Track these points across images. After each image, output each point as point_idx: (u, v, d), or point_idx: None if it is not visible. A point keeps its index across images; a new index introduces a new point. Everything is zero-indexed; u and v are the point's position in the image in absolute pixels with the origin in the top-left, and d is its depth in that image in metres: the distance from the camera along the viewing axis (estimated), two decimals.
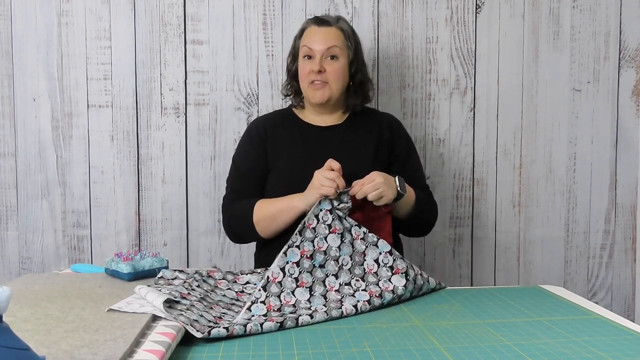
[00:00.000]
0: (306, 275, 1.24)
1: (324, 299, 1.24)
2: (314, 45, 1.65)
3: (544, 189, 2.16)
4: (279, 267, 1.23)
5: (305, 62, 1.66)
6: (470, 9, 2.10)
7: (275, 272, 1.22)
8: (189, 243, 2.08)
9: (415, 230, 1.73)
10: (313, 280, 1.25)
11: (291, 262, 1.24)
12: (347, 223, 1.36)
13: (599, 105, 2.15)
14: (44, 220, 2.06)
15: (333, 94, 1.66)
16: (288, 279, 1.22)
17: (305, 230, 1.29)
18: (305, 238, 1.28)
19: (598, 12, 2.13)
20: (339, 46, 1.66)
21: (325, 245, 1.29)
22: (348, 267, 1.31)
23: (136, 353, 0.89)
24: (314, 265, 1.27)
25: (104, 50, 2.04)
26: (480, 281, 2.16)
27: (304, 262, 1.26)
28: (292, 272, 1.23)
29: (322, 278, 1.27)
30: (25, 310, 1.09)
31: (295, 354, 0.98)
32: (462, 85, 2.11)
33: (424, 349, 1.00)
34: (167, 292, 1.17)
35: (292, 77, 1.75)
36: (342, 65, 1.66)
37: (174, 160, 2.07)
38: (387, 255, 1.33)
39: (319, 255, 1.28)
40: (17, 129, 2.04)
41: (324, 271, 1.28)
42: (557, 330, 1.10)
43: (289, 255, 1.25)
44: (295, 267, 1.24)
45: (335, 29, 1.67)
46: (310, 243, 1.28)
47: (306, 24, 1.72)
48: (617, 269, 2.20)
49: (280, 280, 1.21)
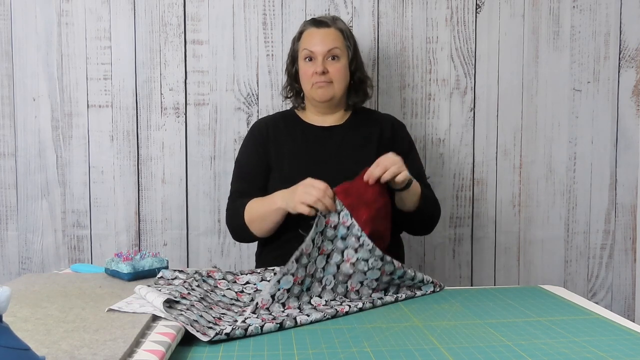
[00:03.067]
0: (292, 300, 1.24)
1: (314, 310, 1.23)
2: (315, 47, 1.66)
3: (544, 189, 2.16)
4: (269, 294, 1.22)
5: (307, 64, 1.67)
6: (470, 9, 2.10)
7: (266, 299, 1.21)
8: (189, 243, 2.08)
9: (421, 225, 1.71)
10: (299, 305, 1.24)
11: (282, 289, 1.23)
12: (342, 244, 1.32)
13: (599, 105, 2.15)
14: (44, 220, 2.06)
15: (336, 93, 1.68)
16: (276, 304, 1.22)
17: (302, 257, 1.26)
18: (301, 264, 1.26)
19: (598, 12, 2.13)
20: (339, 47, 1.67)
21: (314, 268, 1.29)
22: (331, 286, 1.31)
23: (136, 353, 0.89)
24: (302, 290, 1.26)
25: (104, 50, 2.04)
26: (480, 281, 2.16)
27: (294, 289, 1.25)
28: (280, 298, 1.23)
29: (307, 300, 1.26)
30: (25, 310, 1.09)
31: (295, 354, 0.98)
32: (462, 85, 2.11)
33: (424, 349, 1.00)
34: (167, 292, 1.17)
35: (293, 79, 1.77)
36: (343, 65, 1.68)
37: (174, 160, 2.07)
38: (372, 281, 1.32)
39: (308, 279, 1.27)
40: (17, 129, 2.04)
41: (309, 293, 1.28)
42: (557, 330, 1.10)
43: (282, 282, 1.23)
44: (285, 293, 1.23)
45: (334, 30, 1.69)
46: (304, 269, 1.26)
47: (304, 26, 1.73)
48: (617, 269, 2.20)
49: (268, 307, 1.21)
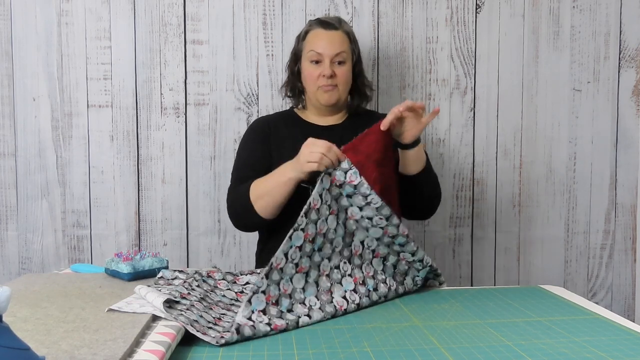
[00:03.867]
0: (305, 260, 1.24)
1: (315, 287, 1.24)
2: (323, 50, 1.65)
3: (544, 189, 2.16)
4: (283, 252, 1.22)
5: (314, 67, 1.67)
6: (470, 9, 2.10)
7: (279, 258, 1.21)
8: (189, 243, 2.08)
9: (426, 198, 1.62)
10: (310, 265, 1.24)
11: (295, 246, 1.23)
12: (347, 202, 1.32)
13: (599, 105, 2.15)
14: (44, 220, 2.06)
15: (341, 96, 1.69)
16: (289, 264, 1.21)
17: (310, 211, 1.26)
18: (310, 220, 1.26)
19: (598, 12, 2.13)
20: (346, 51, 1.67)
21: (325, 227, 1.28)
22: (339, 249, 1.32)
23: (136, 353, 0.89)
24: (313, 249, 1.26)
25: (104, 50, 2.04)
26: (480, 281, 2.16)
27: (306, 246, 1.25)
28: (293, 258, 1.22)
29: (318, 262, 1.27)
30: (25, 310, 1.09)
31: (295, 354, 0.98)
32: (462, 85, 2.11)
33: (424, 349, 1.00)
34: (167, 292, 1.17)
35: (296, 78, 1.75)
36: (348, 69, 1.69)
37: (174, 160, 2.07)
38: (373, 240, 1.35)
39: (319, 238, 1.27)
40: (17, 129, 2.04)
41: (320, 254, 1.27)
42: (557, 330, 1.10)
43: (293, 239, 1.23)
44: (297, 251, 1.23)
45: (342, 33, 1.68)
46: (314, 225, 1.26)
47: (310, 26, 1.72)
48: (617, 269, 2.20)
49: (282, 267, 1.20)
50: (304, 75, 1.71)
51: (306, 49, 1.69)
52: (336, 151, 1.34)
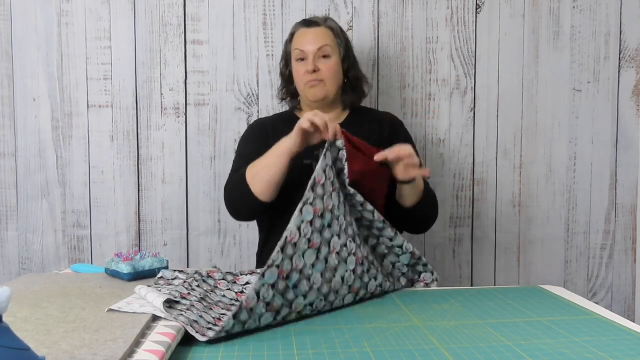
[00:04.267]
0: (316, 235, 1.23)
1: (324, 264, 1.23)
2: (305, 47, 1.66)
3: (544, 189, 2.16)
4: (296, 226, 1.20)
5: (299, 64, 1.68)
6: (470, 9, 2.10)
7: (293, 232, 1.19)
8: (189, 243, 2.08)
9: (420, 223, 1.68)
10: (321, 241, 1.23)
11: (306, 220, 1.22)
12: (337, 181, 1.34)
13: (599, 105, 2.15)
14: (44, 220, 2.06)
15: (329, 92, 1.68)
16: (302, 239, 1.20)
17: (316, 186, 1.25)
18: (317, 195, 1.25)
19: (598, 12, 2.13)
20: (330, 45, 1.67)
21: (330, 203, 1.28)
22: (344, 227, 1.31)
23: (136, 353, 0.89)
24: (323, 225, 1.25)
25: (104, 50, 2.04)
26: (480, 281, 2.16)
27: (316, 221, 1.24)
28: (306, 232, 1.21)
29: (328, 239, 1.25)
30: (25, 310, 1.09)
31: (295, 354, 0.98)
32: (462, 85, 2.11)
33: (424, 349, 1.00)
34: (167, 292, 1.17)
35: (287, 81, 1.77)
36: (335, 62, 1.68)
37: (174, 160, 2.07)
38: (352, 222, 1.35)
39: (327, 213, 1.26)
40: (17, 129, 2.04)
41: (330, 231, 1.26)
42: (557, 330, 1.09)
43: (304, 213, 1.22)
44: (309, 226, 1.22)
45: (324, 28, 1.69)
46: (321, 200, 1.26)
47: (295, 27, 1.74)
48: (617, 269, 2.20)
49: (295, 241, 1.20)
50: (294, 75, 1.72)
51: (292, 49, 1.71)
52: (335, 126, 1.35)
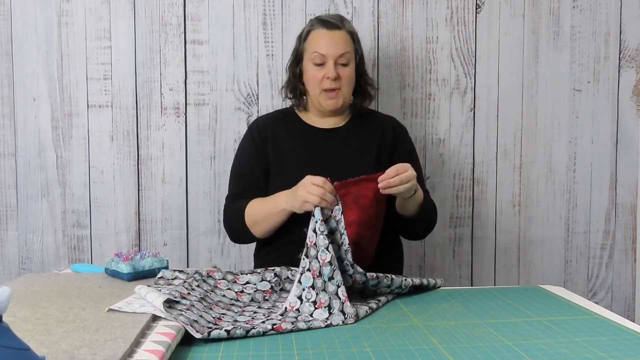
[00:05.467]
0: (322, 295, 1.22)
1: (342, 315, 1.19)
2: (327, 51, 1.61)
3: (544, 189, 2.16)
4: (296, 296, 1.22)
5: (317, 69, 1.63)
6: (470, 9, 2.10)
7: (293, 302, 1.21)
8: (189, 243, 2.08)
9: (418, 231, 1.71)
10: (329, 297, 1.22)
11: (307, 287, 1.23)
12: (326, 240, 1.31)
13: (599, 105, 2.15)
14: (44, 220, 2.06)
15: (345, 100, 1.66)
16: (306, 304, 1.21)
17: (309, 250, 1.26)
18: (311, 257, 1.25)
19: (598, 12, 2.13)
20: (349, 52, 1.64)
21: (328, 256, 1.25)
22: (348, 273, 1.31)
23: (136, 353, 0.89)
24: (324, 281, 1.24)
25: (104, 50, 2.04)
26: (480, 281, 2.16)
27: (317, 282, 1.24)
28: (309, 297, 1.22)
29: (334, 291, 1.23)
30: (25, 310, 1.09)
31: (295, 354, 0.98)
32: (462, 85, 2.11)
33: (424, 349, 1.00)
34: (167, 292, 1.17)
35: (297, 79, 1.71)
36: (352, 70, 1.65)
37: (174, 160, 2.07)
38: None
39: (325, 268, 1.24)
40: (17, 129, 2.04)
41: (334, 282, 1.24)
42: (557, 330, 1.10)
43: (303, 282, 1.23)
44: (311, 290, 1.23)
45: (345, 33, 1.64)
46: (316, 260, 1.25)
47: (311, 26, 1.67)
48: (617, 269, 2.20)
49: (297, 308, 1.21)
50: (307, 78, 1.67)
51: (308, 50, 1.65)
52: (331, 191, 1.34)
